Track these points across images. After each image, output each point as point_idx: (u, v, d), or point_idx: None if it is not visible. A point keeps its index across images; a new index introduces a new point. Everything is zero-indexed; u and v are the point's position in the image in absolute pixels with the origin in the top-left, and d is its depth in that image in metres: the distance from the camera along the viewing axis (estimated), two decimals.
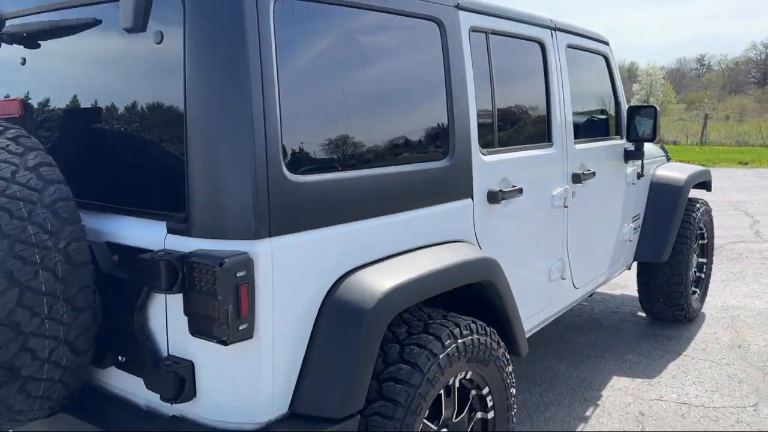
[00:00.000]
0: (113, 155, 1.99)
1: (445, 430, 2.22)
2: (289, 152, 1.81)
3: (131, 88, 1.94)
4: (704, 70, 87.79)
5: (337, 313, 1.88)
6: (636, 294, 4.91)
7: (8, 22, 2.23)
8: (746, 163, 16.08)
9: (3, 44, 2.26)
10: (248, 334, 1.71)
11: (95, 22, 1.98)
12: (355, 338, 1.86)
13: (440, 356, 2.05)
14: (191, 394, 1.80)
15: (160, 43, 1.79)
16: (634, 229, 4.20)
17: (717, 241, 7.08)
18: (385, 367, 1.99)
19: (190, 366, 1.79)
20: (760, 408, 3.49)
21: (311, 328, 1.87)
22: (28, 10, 2.20)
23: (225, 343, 1.68)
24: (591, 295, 4.25)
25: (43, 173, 1.79)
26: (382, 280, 1.97)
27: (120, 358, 1.95)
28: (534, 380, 3.83)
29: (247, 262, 1.68)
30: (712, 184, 5.00)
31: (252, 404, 1.78)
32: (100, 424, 1.94)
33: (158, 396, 1.85)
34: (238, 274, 1.66)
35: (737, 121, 32.37)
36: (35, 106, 2.15)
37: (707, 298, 5.16)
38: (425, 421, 2.10)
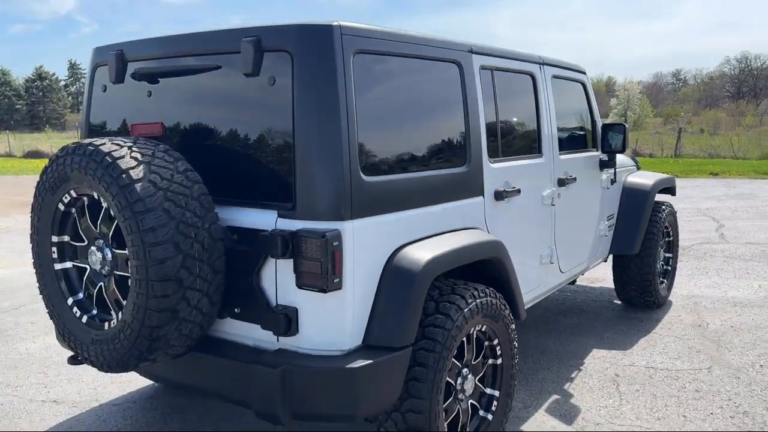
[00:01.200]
0: (234, 163, 2.72)
1: (466, 369, 2.97)
2: (363, 161, 2.57)
3: (248, 115, 2.68)
4: (680, 84, 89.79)
5: (394, 275, 2.63)
6: (612, 286, 5.71)
7: (137, 64, 2.98)
8: (717, 174, 17.07)
9: (132, 80, 3.01)
10: (339, 287, 2.46)
11: (216, 67, 2.73)
12: (407, 293, 2.61)
13: (464, 310, 2.81)
14: (295, 330, 2.53)
15: (273, 84, 2.54)
16: (609, 226, 5.00)
17: (686, 243, 7.95)
18: (425, 318, 2.73)
19: (295, 311, 2.53)
20: (713, 370, 4.27)
21: (377, 285, 2.62)
22: (155, 54, 2.94)
23: (324, 292, 2.43)
24: (573, 282, 5.04)
25: (189, 176, 2.53)
26: (424, 252, 2.72)
27: (236, 310, 2.68)
28: (528, 353, 4.59)
29: (338, 236, 2.43)
30: (684, 193, 5.82)
31: (338, 337, 2.52)
32: (224, 357, 2.66)
33: (267, 335, 2.58)
34: (334, 243, 2.41)
35: (711, 134, 33.60)
36: (168, 128, 2.88)
37: (674, 289, 5.98)
38: (453, 360, 2.85)
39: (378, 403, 2.55)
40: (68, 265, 2.78)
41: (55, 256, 2.77)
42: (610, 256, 5.33)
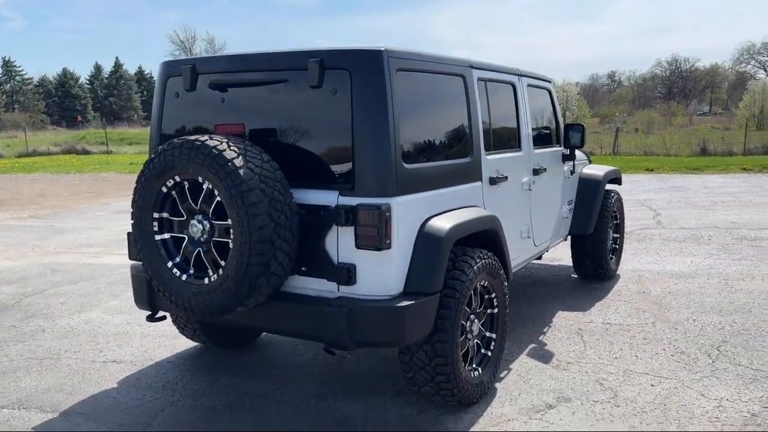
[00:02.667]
0: (300, 155, 3.48)
1: (473, 315, 3.82)
2: (403, 152, 3.39)
3: (312, 117, 3.45)
4: (615, 85, 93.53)
5: (426, 239, 3.45)
6: (568, 264, 6.70)
7: (211, 76, 3.71)
8: (652, 170, 18.55)
9: (204, 89, 3.74)
10: (388, 246, 3.27)
11: (284, 80, 3.50)
12: (436, 252, 3.44)
13: (474, 267, 3.66)
14: (354, 281, 3.33)
15: (335, 94, 3.34)
16: (569, 210, 5.96)
17: (628, 228, 9.05)
18: (447, 273, 3.57)
19: (354, 266, 3.32)
20: (657, 324, 5.26)
21: (413, 247, 3.44)
22: (224, 69, 3.68)
23: (379, 250, 3.23)
24: (540, 257, 5.97)
25: (271, 164, 3.31)
26: (446, 223, 3.56)
27: (303, 268, 3.46)
28: None
29: (389, 208, 3.24)
30: (624, 187, 6.86)
31: (386, 285, 3.33)
32: (293, 301, 3.44)
33: (326, 287, 3.36)
34: (386, 214, 3.23)
35: (645, 133, 35.64)
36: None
37: (621, 264, 7.01)
38: (465, 307, 3.70)
39: (417, 334, 3.37)
40: (166, 236, 3.50)
41: (156, 229, 3.49)
42: (569, 237, 6.30)
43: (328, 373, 4.36)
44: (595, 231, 6.15)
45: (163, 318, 4.05)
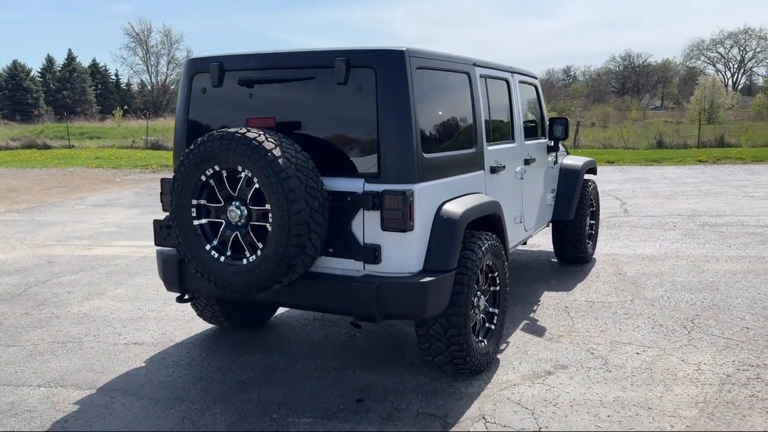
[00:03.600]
0: (327, 146, 3.79)
1: (479, 292, 4.20)
2: (422, 143, 3.73)
3: (338, 111, 3.77)
4: (571, 80, 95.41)
5: (442, 222, 3.81)
6: (548, 250, 7.16)
7: (240, 73, 3.99)
8: (613, 162, 19.29)
9: (230, 85, 4.02)
10: (411, 228, 3.62)
11: (311, 77, 3.81)
12: (452, 233, 3.80)
13: (482, 248, 4.04)
14: (379, 260, 3.67)
15: (360, 90, 3.66)
16: (552, 197, 6.40)
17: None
18: (460, 253, 3.94)
19: (379, 247, 3.66)
20: (635, 301, 5.74)
21: (431, 229, 3.79)
22: (251, 66, 3.97)
23: (403, 232, 3.58)
24: (525, 243, 6.40)
25: (303, 154, 3.62)
26: (459, 207, 3.93)
27: (330, 250, 3.78)
28: None
29: (412, 193, 3.59)
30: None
31: (408, 263, 3.68)
32: (322, 280, 3.76)
33: (352, 266, 3.69)
34: (410, 199, 3.57)
35: (602, 127, 36.67)
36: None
37: (596, 250, 7.50)
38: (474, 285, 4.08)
39: (436, 307, 3.73)
40: (204, 221, 3.79)
41: (194, 215, 3.76)
42: (551, 223, 6.75)
43: (341, 349, 4.69)
44: (575, 217, 6.60)
45: (192, 299, 4.31)
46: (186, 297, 4.26)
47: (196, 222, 3.78)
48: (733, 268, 6.76)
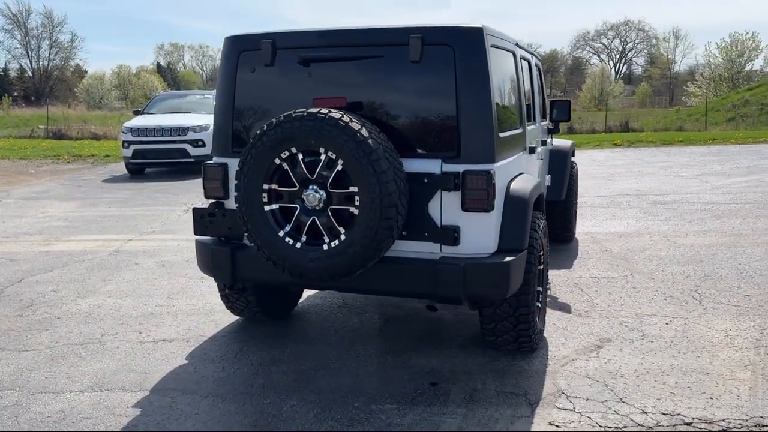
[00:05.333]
0: (401, 126, 3.69)
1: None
2: (498, 123, 3.72)
3: (412, 91, 3.67)
4: None
5: (514, 201, 3.81)
6: None
7: (296, 51, 3.81)
8: None
9: (281, 63, 3.84)
10: (493, 208, 3.61)
11: (380, 55, 3.69)
12: (524, 212, 3.82)
13: (540, 226, 4.10)
14: (458, 242, 3.63)
15: (436, 69, 3.58)
16: (549, 178, 6.57)
17: None
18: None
19: (458, 228, 3.62)
20: (635, 275, 6.00)
21: (503, 208, 3.79)
22: (305, 44, 3.80)
23: (487, 212, 3.56)
24: None
25: (383, 135, 3.51)
26: (524, 185, 3.95)
27: (403, 233, 3.70)
28: None
29: (493, 173, 3.58)
30: None
31: (486, 244, 3.66)
32: (398, 263, 3.67)
33: (425, 248, 3.62)
34: (492, 178, 3.56)
35: None
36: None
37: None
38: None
39: (515, 287, 3.74)
40: (275, 206, 3.60)
41: (265, 200, 3.57)
42: None
43: (385, 335, 4.62)
44: (565, 198, 6.81)
45: (243, 289, 4.10)
46: (239, 287, 4.05)
47: (267, 207, 3.59)
48: (705, 242, 7.21)
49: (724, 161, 14.89)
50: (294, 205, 3.59)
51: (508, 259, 3.63)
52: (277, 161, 3.51)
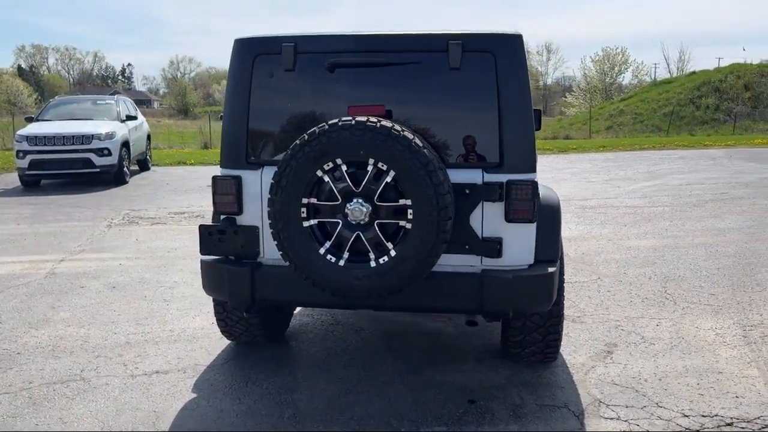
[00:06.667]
0: (439, 135, 3.51)
1: None
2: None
3: (451, 99, 3.52)
4: None
5: (547, 210, 3.75)
6: None
7: (323, 56, 3.56)
8: None
9: (302, 68, 3.58)
10: (536, 218, 3.54)
11: (416, 62, 3.53)
12: (556, 222, 3.78)
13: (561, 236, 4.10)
14: (500, 254, 3.53)
15: (476, 76, 3.46)
16: None
17: None
18: None
19: (500, 239, 3.52)
20: (604, 279, 6.17)
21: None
22: (343, 48, 3.57)
23: (531, 222, 3.49)
24: None
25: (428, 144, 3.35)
26: (553, 196, 3.91)
27: None
28: None
29: (537, 182, 3.51)
30: None
31: (527, 255, 3.59)
32: (438, 278, 3.48)
33: (464, 261, 3.49)
34: (537, 188, 3.49)
35: None
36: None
37: None
38: None
39: (555, 298, 3.69)
40: (314, 222, 3.33)
41: (304, 215, 3.30)
42: None
43: (393, 353, 4.43)
44: None
45: (259, 313, 3.79)
46: (256, 310, 3.73)
47: (306, 223, 3.32)
48: (648, 244, 7.58)
49: (625, 167, 15.87)
50: (335, 220, 3.34)
51: (551, 269, 3.58)
52: (320, 173, 3.26)
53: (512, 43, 3.50)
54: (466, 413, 3.57)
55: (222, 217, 3.74)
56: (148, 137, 16.25)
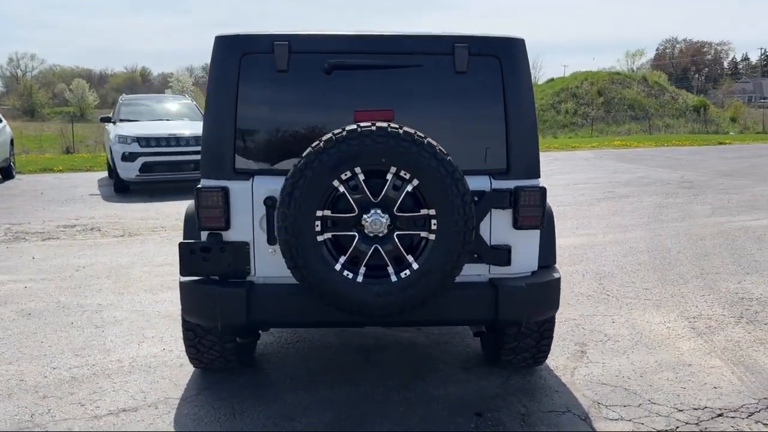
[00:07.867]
0: (444, 141, 3.36)
1: None
2: None
3: (456, 102, 3.39)
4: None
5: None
6: None
7: (321, 56, 3.31)
8: None
9: (296, 69, 3.33)
10: (544, 224, 3.51)
11: (417, 64, 3.37)
12: (553, 227, 3.78)
13: None
14: (509, 262, 3.47)
15: (482, 80, 3.37)
16: None
17: None
18: None
19: (509, 247, 3.46)
20: (586, 277, 6.29)
21: None
22: (341, 48, 3.34)
23: (539, 229, 3.45)
24: None
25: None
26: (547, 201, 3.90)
27: None
28: None
29: (545, 188, 3.48)
30: None
31: (532, 262, 3.55)
32: (463, 290, 3.35)
33: (469, 270, 3.38)
34: (545, 194, 3.46)
35: None
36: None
37: None
38: None
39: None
40: (328, 235, 3.08)
41: (318, 228, 3.04)
42: None
43: (376, 370, 4.24)
44: None
45: (258, 337, 3.46)
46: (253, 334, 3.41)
47: (320, 237, 3.06)
48: (567, 243, 7.86)
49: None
50: (351, 233, 3.11)
51: (557, 275, 3.58)
52: (336, 183, 3.02)
53: (517, 47, 3.46)
54: (479, 427, 3.47)
55: (206, 233, 3.38)
56: (11, 142, 14.71)
